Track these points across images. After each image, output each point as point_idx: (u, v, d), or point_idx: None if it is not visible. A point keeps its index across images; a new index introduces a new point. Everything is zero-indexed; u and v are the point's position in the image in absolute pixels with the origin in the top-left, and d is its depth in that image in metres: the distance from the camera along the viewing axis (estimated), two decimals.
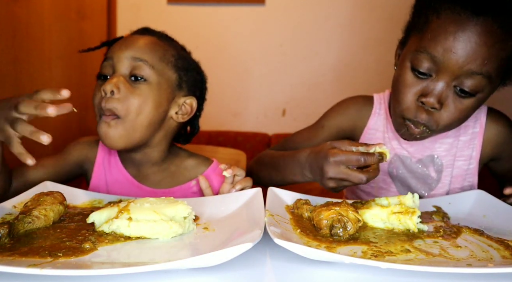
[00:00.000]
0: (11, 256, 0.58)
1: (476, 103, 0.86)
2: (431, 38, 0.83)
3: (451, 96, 0.85)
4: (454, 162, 1.02)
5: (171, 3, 2.65)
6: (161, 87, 0.98)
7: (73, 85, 2.25)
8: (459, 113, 0.86)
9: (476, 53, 0.79)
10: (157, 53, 0.99)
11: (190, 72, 1.06)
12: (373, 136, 1.07)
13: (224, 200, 0.84)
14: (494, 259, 0.62)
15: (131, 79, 0.95)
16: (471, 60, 0.80)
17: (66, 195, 0.79)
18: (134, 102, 0.93)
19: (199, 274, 0.59)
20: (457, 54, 0.80)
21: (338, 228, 0.68)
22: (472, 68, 0.80)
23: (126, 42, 0.99)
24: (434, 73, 0.85)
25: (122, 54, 0.95)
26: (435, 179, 1.03)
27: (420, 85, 0.86)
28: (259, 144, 2.52)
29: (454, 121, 0.88)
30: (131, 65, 0.95)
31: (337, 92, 2.69)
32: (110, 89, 0.91)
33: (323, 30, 2.64)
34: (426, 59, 0.84)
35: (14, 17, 1.76)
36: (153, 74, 0.96)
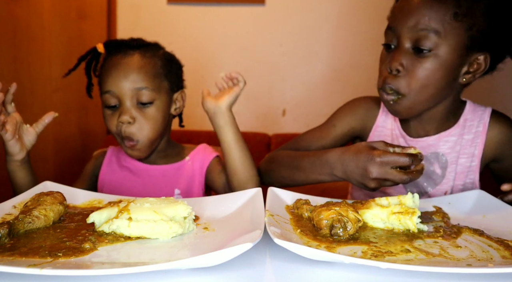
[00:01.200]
0: (11, 256, 0.58)
1: (435, 63, 0.91)
2: (391, 13, 0.97)
3: (411, 59, 0.92)
4: (458, 159, 1.05)
5: (171, 3, 2.65)
6: (163, 101, 1.12)
7: (73, 85, 2.25)
8: (422, 73, 0.92)
9: (419, 13, 0.90)
10: (151, 74, 1.10)
11: (174, 70, 1.18)
12: (381, 133, 1.11)
13: (224, 200, 0.84)
14: (494, 259, 0.62)
15: (138, 105, 1.08)
16: (416, 20, 0.90)
17: (66, 195, 0.79)
18: (148, 126, 1.09)
19: (199, 274, 0.59)
20: (404, 17, 0.92)
21: (338, 228, 0.68)
22: (419, 27, 0.90)
23: (120, 72, 1.08)
24: (395, 42, 0.95)
25: (124, 87, 1.07)
26: (440, 175, 1.06)
27: (388, 57, 0.96)
28: (259, 144, 2.52)
29: (421, 83, 0.93)
30: (136, 95, 1.08)
31: (337, 92, 2.69)
32: (127, 121, 1.07)
33: (323, 30, 2.64)
34: (388, 32, 0.96)
35: (14, 17, 1.76)
36: (156, 95, 1.10)
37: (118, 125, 1.08)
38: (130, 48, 1.13)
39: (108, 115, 1.11)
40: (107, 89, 1.09)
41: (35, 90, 1.92)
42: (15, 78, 1.76)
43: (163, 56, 1.16)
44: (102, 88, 1.12)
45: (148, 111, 1.09)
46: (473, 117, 1.05)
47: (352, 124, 1.13)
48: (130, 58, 1.10)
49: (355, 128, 1.13)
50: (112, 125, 1.10)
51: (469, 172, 1.05)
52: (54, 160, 2.04)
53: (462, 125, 1.05)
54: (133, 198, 0.78)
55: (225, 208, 0.81)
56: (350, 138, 1.15)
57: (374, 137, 1.12)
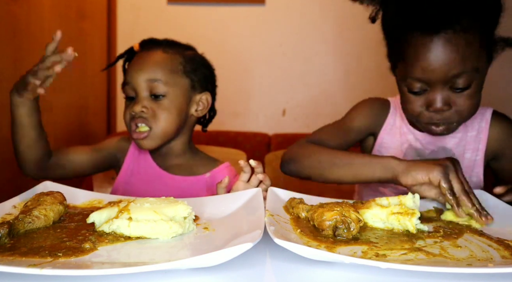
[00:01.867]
0: (11, 256, 0.58)
1: (477, 87, 0.95)
2: (411, 64, 0.94)
3: (452, 96, 0.94)
4: (464, 154, 1.11)
5: (171, 3, 2.65)
6: (178, 96, 1.14)
7: (73, 85, 2.25)
8: (469, 101, 0.94)
9: (451, 61, 0.90)
10: (167, 68, 1.13)
11: (199, 71, 1.19)
12: (391, 131, 1.17)
13: (224, 200, 0.84)
14: (494, 259, 0.62)
15: (151, 97, 1.11)
16: (450, 67, 0.90)
17: (66, 195, 0.79)
18: (160, 116, 1.11)
19: (199, 274, 0.59)
20: (437, 68, 0.91)
21: (343, 229, 0.68)
22: (455, 72, 0.90)
23: (139, 65, 1.13)
24: (428, 88, 0.95)
25: (139, 78, 1.11)
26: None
27: (422, 99, 0.97)
28: (259, 144, 2.52)
29: (470, 108, 0.96)
30: (149, 86, 1.11)
31: (337, 92, 2.70)
32: (139, 110, 1.09)
33: (323, 30, 2.65)
34: (415, 82, 0.95)
35: (14, 17, 1.76)
36: (169, 88, 1.12)
37: (131, 115, 1.11)
38: (156, 44, 1.18)
39: (125, 107, 1.14)
40: (126, 81, 1.14)
41: None
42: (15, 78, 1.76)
43: (188, 55, 1.19)
44: (124, 81, 1.16)
45: (161, 103, 1.11)
46: (475, 116, 1.07)
47: (367, 122, 1.18)
48: (151, 53, 1.15)
49: (369, 126, 1.18)
50: (126, 116, 1.13)
51: (475, 166, 1.11)
52: None
53: (465, 123, 1.09)
54: (133, 198, 0.78)
55: (225, 208, 0.81)
56: (366, 135, 1.19)
57: (384, 134, 1.18)
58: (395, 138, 1.16)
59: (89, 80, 2.42)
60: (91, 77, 2.44)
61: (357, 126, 1.17)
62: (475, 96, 0.95)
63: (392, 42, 1.04)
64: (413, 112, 1.00)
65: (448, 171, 0.81)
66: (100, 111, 2.58)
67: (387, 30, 1.05)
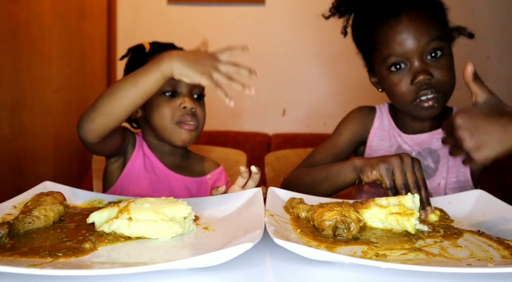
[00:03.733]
0: (11, 256, 0.58)
1: (448, 58, 1.05)
2: (385, 47, 1.05)
3: (430, 66, 1.03)
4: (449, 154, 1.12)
5: (171, 3, 2.65)
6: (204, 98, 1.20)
7: (73, 85, 2.25)
8: (446, 70, 1.03)
9: (419, 29, 1.02)
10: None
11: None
12: (380, 133, 1.22)
13: (224, 200, 0.84)
14: (494, 259, 0.62)
15: (194, 97, 1.16)
16: (420, 34, 1.02)
17: (66, 195, 0.80)
18: (202, 115, 1.17)
19: (199, 274, 0.59)
20: (410, 38, 1.02)
21: (343, 229, 0.68)
22: (425, 39, 1.02)
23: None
24: (407, 62, 1.04)
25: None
26: (433, 169, 1.14)
27: (406, 76, 1.04)
28: (259, 144, 2.52)
29: (448, 77, 1.04)
30: (191, 85, 1.14)
31: (337, 92, 2.70)
32: (191, 107, 1.13)
33: (323, 30, 2.64)
34: (394, 58, 1.04)
35: (14, 17, 1.76)
36: (204, 89, 1.18)
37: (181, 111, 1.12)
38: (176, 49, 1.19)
39: (165, 101, 1.13)
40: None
41: (35, 90, 1.92)
42: (15, 78, 1.76)
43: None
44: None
45: (202, 102, 1.19)
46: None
47: (356, 129, 1.23)
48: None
49: (359, 132, 1.24)
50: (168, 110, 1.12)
51: (460, 165, 1.13)
52: (54, 160, 2.04)
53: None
54: (133, 198, 0.78)
55: (225, 208, 0.81)
56: (356, 143, 1.24)
57: (373, 137, 1.22)
58: (384, 141, 1.20)
59: (89, 80, 2.42)
60: (91, 77, 2.44)
61: (346, 139, 1.22)
62: (450, 67, 1.04)
63: (364, 42, 1.15)
64: (401, 94, 1.05)
65: (392, 165, 0.86)
66: None
67: (358, 33, 1.17)
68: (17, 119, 1.80)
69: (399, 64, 1.04)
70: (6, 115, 1.74)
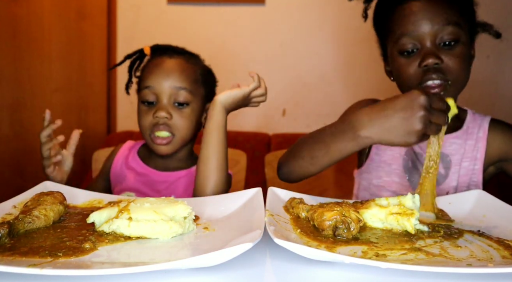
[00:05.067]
0: (11, 256, 0.58)
1: (465, 49, 1.01)
2: (400, 27, 1.01)
3: (443, 52, 0.99)
4: (461, 162, 1.10)
5: (171, 3, 2.65)
6: (198, 105, 1.17)
7: (73, 85, 2.25)
8: (457, 59, 0.99)
9: (435, 13, 0.99)
10: (191, 78, 1.15)
11: (211, 82, 1.23)
12: None
13: (224, 200, 0.84)
14: (494, 259, 0.62)
15: (175, 105, 1.12)
16: (436, 20, 0.98)
17: (66, 194, 0.79)
18: (183, 124, 1.13)
19: (199, 274, 0.59)
20: (424, 21, 0.98)
21: (343, 229, 0.68)
22: (442, 23, 0.98)
23: (165, 71, 1.13)
24: (419, 45, 1.00)
25: (164, 84, 1.12)
26: (443, 175, 1.10)
27: (415, 60, 1.00)
28: (259, 144, 2.52)
29: (459, 68, 0.99)
30: (173, 93, 1.12)
31: (337, 92, 2.69)
32: (164, 116, 1.10)
33: (323, 30, 2.64)
34: (406, 39, 1.00)
35: (14, 17, 1.76)
36: (192, 97, 1.14)
37: (153, 121, 1.11)
38: (175, 52, 1.19)
39: (143, 111, 1.14)
40: (147, 84, 1.13)
41: (35, 90, 1.92)
42: (15, 78, 1.76)
43: (203, 66, 1.23)
44: (142, 84, 1.16)
45: (184, 111, 1.13)
46: (474, 125, 1.12)
47: None
48: (174, 60, 1.16)
49: None
50: (146, 121, 1.13)
51: (473, 174, 1.09)
52: None
53: (465, 131, 1.11)
54: (133, 198, 0.78)
55: (225, 208, 0.81)
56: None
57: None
58: None
59: (89, 80, 2.42)
60: (91, 77, 2.44)
61: None
62: (463, 57, 1.00)
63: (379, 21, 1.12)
64: (407, 76, 1.01)
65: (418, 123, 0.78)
66: (100, 111, 2.58)
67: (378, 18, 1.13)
68: (17, 119, 1.80)
69: (411, 50, 1.00)
70: (6, 115, 1.74)
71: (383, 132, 0.81)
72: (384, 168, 1.16)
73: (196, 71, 1.18)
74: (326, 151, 0.90)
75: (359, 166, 1.25)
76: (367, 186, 1.20)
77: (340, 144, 0.87)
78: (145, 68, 1.19)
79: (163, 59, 1.16)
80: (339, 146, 0.88)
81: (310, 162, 0.95)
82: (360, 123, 0.83)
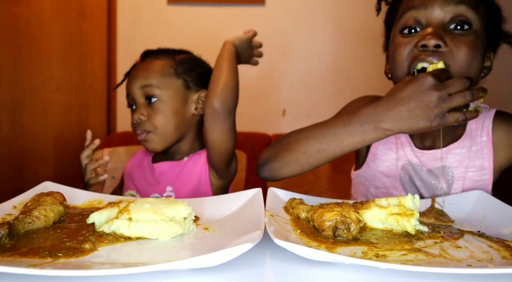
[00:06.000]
0: (11, 256, 0.58)
1: (475, 38, 0.86)
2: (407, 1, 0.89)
3: (449, 35, 0.85)
4: (466, 173, 0.97)
5: (171, 3, 2.65)
6: (172, 97, 1.19)
7: (73, 85, 2.25)
8: (467, 47, 0.84)
9: None
10: (157, 72, 1.18)
11: (193, 71, 1.23)
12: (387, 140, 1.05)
13: (224, 201, 0.84)
14: (495, 260, 0.62)
15: (146, 102, 1.18)
16: None
17: (66, 195, 0.79)
18: (157, 119, 1.17)
19: (199, 275, 0.59)
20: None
21: (343, 229, 0.68)
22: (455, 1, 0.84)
23: (133, 74, 1.21)
24: (424, 22, 0.87)
25: (134, 87, 1.19)
26: (445, 191, 0.99)
27: (414, 39, 0.87)
28: (259, 144, 2.52)
29: (467, 58, 0.85)
30: (143, 93, 1.18)
31: (337, 92, 2.69)
32: (137, 117, 1.18)
33: (323, 30, 2.64)
34: (410, 15, 0.88)
35: (14, 17, 1.76)
36: (161, 91, 1.17)
37: (133, 123, 1.19)
38: (150, 54, 1.24)
39: (131, 116, 1.22)
40: (127, 92, 1.21)
41: (35, 90, 1.92)
42: (15, 79, 1.76)
43: (180, 58, 1.24)
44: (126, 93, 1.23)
45: (155, 106, 1.17)
46: (477, 126, 0.98)
47: None
48: (144, 62, 1.22)
49: None
50: (132, 126, 1.21)
51: (481, 186, 0.96)
52: (54, 160, 2.04)
53: (469, 135, 0.98)
54: (133, 198, 0.78)
55: (225, 208, 0.81)
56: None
57: (379, 143, 1.07)
58: (390, 150, 1.05)
59: (89, 80, 2.42)
60: (91, 77, 2.44)
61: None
62: (472, 50, 0.85)
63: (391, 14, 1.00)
64: (400, 59, 0.89)
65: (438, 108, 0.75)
66: (100, 112, 2.58)
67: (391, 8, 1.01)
68: (17, 120, 1.80)
69: (413, 28, 0.88)
70: (6, 115, 1.74)
71: (404, 122, 0.80)
72: (382, 179, 1.08)
73: (166, 65, 1.20)
74: (337, 144, 0.88)
75: (356, 167, 1.18)
76: (364, 192, 1.15)
77: (358, 137, 0.85)
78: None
79: (137, 64, 1.23)
80: (356, 138, 0.85)
81: (314, 156, 0.91)
82: (380, 115, 0.82)
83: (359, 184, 1.16)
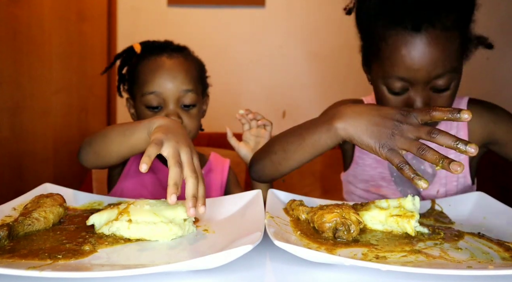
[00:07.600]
0: (11, 258, 0.58)
1: (455, 88, 0.92)
2: (391, 64, 0.89)
3: (433, 96, 0.90)
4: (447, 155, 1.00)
5: (171, 5, 2.65)
6: (200, 104, 1.16)
7: (73, 87, 2.25)
8: (447, 102, 0.91)
9: (435, 60, 0.85)
10: (195, 77, 1.14)
11: (204, 75, 1.22)
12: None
13: (224, 202, 0.84)
14: (494, 261, 0.62)
15: (181, 107, 1.10)
16: (434, 66, 0.86)
17: (66, 197, 0.79)
18: (192, 125, 1.11)
19: (199, 276, 0.59)
20: (422, 67, 0.86)
21: (343, 231, 0.68)
22: (439, 72, 0.86)
23: (169, 74, 1.09)
24: (409, 87, 0.90)
25: (173, 89, 1.08)
26: (431, 174, 1.07)
27: (402, 100, 0.92)
28: None
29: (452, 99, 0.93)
30: (180, 96, 1.09)
31: (337, 94, 2.69)
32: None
33: (323, 32, 2.65)
34: (396, 81, 0.89)
35: (14, 19, 1.76)
36: (197, 97, 1.12)
37: None
38: (172, 50, 1.15)
39: (149, 117, 1.05)
40: (152, 90, 1.08)
41: (35, 92, 1.92)
42: (15, 80, 1.76)
43: (199, 62, 1.21)
44: (145, 89, 1.09)
45: (191, 113, 1.11)
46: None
47: None
48: (175, 60, 1.12)
49: None
50: None
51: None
52: (54, 161, 2.04)
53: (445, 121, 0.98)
54: (133, 200, 0.78)
55: (225, 210, 0.81)
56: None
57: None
58: None
59: (89, 81, 2.42)
60: (91, 79, 2.44)
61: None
62: (452, 98, 0.92)
63: (368, 38, 0.99)
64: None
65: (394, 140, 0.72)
66: (100, 113, 2.58)
67: (363, 25, 1.00)
68: (17, 121, 1.80)
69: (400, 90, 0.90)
70: (6, 117, 1.74)
71: (358, 131, 0.76)
72: (370, 172, 1.13)
73: (196, 69, 1.16)
74: (299, 143, 0.87)
75: (344, 169, 1.23)
76: (353, 189, 1.18)
77: (314, 136, 0.83)
78: (143, 69, 1.12)
79: (162, 60, 1.11)
80: (313, 138, 0.84)
81: (282, 157, 0.91)
82: (340, 114, 0.80)
83: (348, 183, 1.20)
